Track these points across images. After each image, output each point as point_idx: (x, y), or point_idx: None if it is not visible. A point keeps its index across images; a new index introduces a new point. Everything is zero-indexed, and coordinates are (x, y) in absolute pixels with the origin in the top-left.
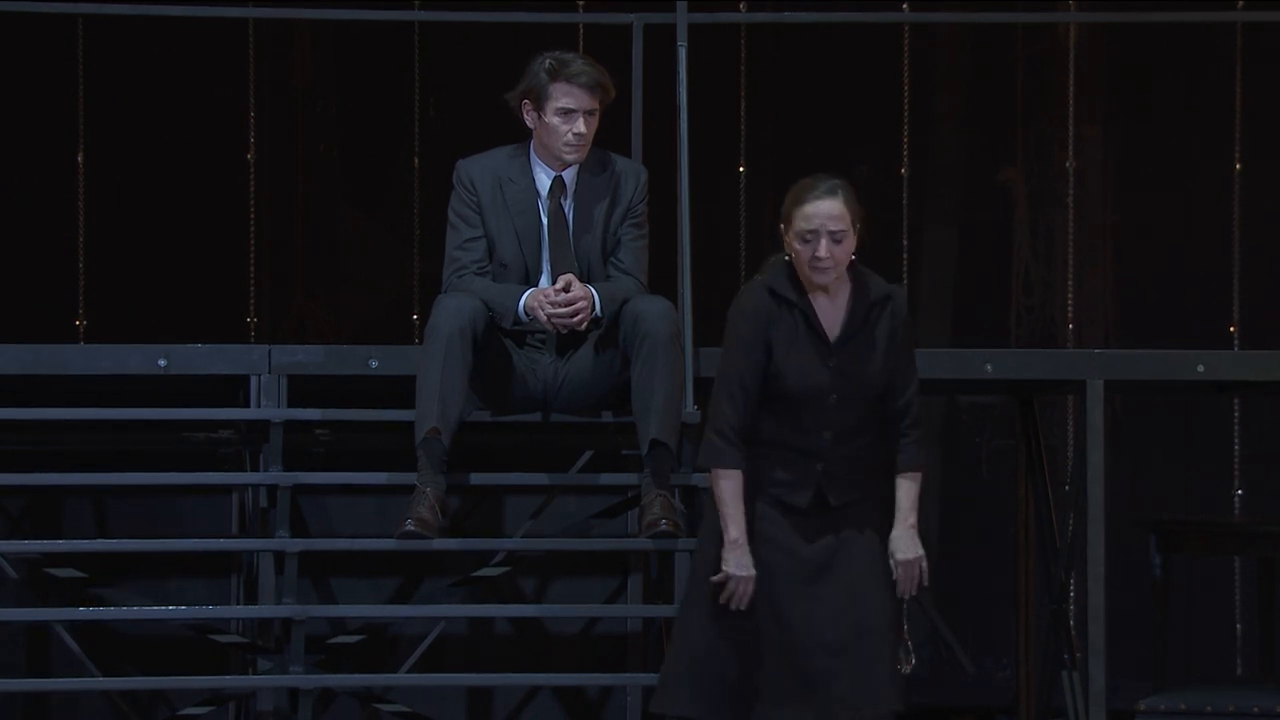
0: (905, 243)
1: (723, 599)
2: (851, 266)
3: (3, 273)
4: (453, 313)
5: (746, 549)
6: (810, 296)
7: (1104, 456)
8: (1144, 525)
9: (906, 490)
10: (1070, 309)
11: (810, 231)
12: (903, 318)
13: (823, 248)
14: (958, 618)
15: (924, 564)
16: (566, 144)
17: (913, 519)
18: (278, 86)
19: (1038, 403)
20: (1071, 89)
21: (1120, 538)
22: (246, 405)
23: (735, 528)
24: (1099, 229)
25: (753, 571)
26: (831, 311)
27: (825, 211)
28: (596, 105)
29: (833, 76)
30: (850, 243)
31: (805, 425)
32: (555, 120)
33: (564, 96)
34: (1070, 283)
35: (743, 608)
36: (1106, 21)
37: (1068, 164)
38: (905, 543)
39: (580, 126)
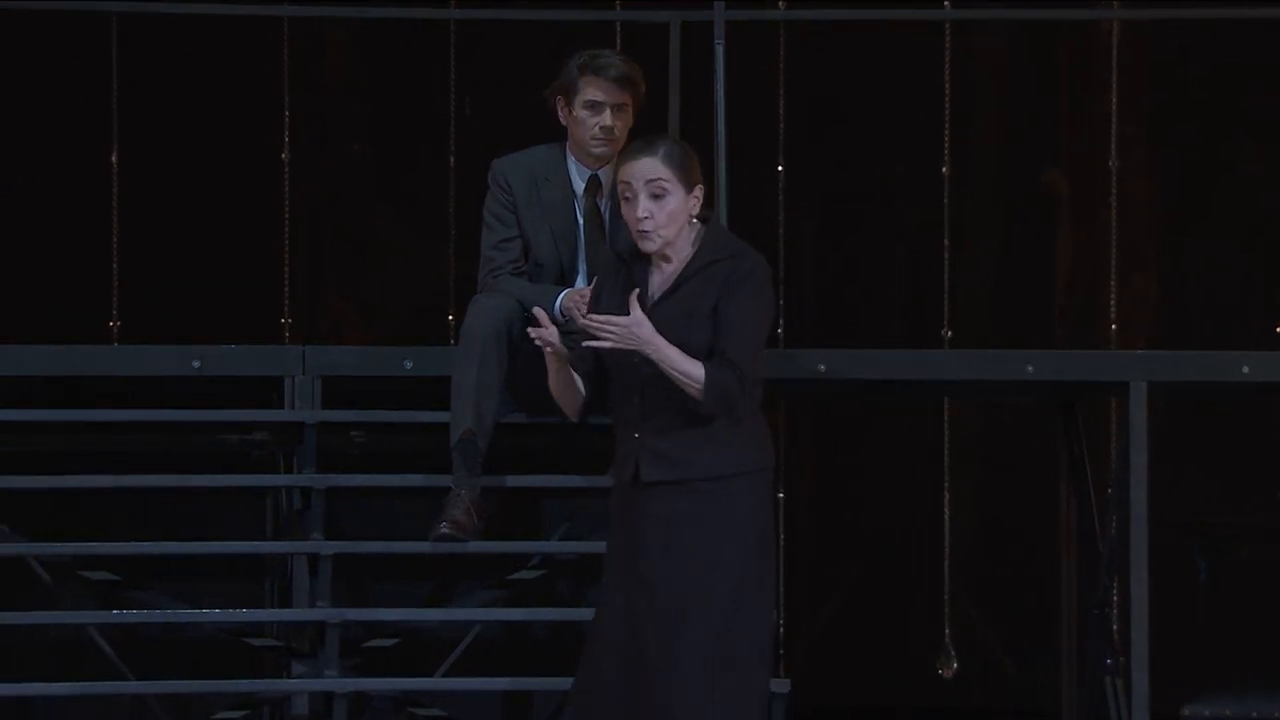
0: (946, 243)
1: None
2: (711, 232)
3: (36, 273)
4: (488, 313)
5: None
6: (650, 259)
7: (1147, 459)
8: (1188, 528)
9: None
10: (1113, 310)
11: (627, 187)
12: (743, 278)
13: (641, 205)
14: (999, 620)
15: (640, 333)
16: (594, 138)
17: (665, 353)
18: (312, 85)
19: (1080, 405)
20: (1114, 87)
21: (1164, 540)
22: (280, 407)
23: None
24: (1142, 229)
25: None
26: (664, 273)
27: (640, 168)
28: (626, 100)
29: (872, 75)
30: (677, 203)
31: (621, 391)
32: (583, 114)
33: (591, 89)
34: (1113, 283)
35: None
36: (1150, 19)
37: (1110, 163)
38: (643, 325)
39: (607, 120)
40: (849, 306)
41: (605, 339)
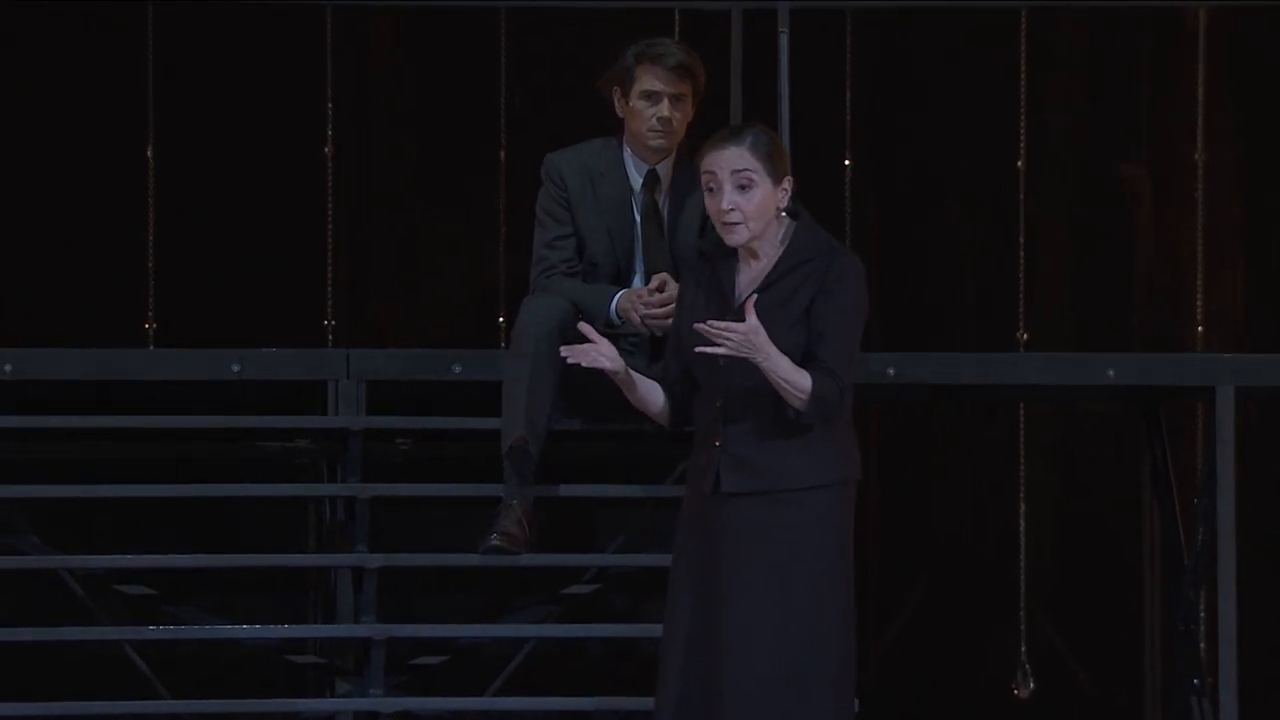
0: (1021, 240)
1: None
2: (801, 228)
3: (69, 273)
4: (541, 314)
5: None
6: (738, 256)
7: (1235, 467)
8: (1279, 540)
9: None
10: (1199, 311)
11: (712, 178)
12: (837, 279)
13: (726, 197)
14: (1078, 637)
15: (756, 340)
16: (651, 129)
17: (777, 362)
18: (356, 78)
19: (1164, 410)
20: (1200, 77)
21: (1254, 554)
22: (323, 413)
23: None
24: (1230, 226)
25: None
26: (752, 271)
27: (727, 157)
28: (685, 91)
29: (943, 65)
30: (764, 195)
31: (705, 395)
32: (640, 104)
33: (648, 78)
34: (1199, 283)
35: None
36: (1238, 5)
37: (1196, 156)
38: (759, 332)
39: (665, 111)
40: (919, 307)
41: (721, 344)
